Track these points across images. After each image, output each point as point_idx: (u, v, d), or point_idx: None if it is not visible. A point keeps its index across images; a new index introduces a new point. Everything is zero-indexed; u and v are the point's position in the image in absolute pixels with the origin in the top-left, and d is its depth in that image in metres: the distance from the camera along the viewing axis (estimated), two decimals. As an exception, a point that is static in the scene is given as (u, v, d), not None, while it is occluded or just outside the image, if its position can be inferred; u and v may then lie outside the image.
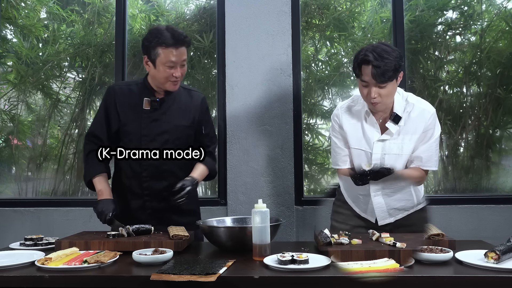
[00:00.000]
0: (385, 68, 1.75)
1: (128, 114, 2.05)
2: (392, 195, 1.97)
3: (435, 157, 1.94)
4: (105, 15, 3.47)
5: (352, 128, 1.98)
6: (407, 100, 1.92)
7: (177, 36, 1.92)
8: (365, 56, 1.78)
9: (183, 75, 2.00)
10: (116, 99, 2.07)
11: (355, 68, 1.84)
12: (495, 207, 2.91)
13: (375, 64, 1.75)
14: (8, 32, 3.56)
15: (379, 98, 1.81)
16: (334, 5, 3.33)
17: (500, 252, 1.40)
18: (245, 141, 2.96)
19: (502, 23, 3.20)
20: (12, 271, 1.45)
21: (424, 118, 1.89)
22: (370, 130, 1.94)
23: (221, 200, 3.06)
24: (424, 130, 1.90)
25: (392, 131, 1.90)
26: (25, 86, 3.47)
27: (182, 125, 2.07)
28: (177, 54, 1.92)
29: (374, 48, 1.79)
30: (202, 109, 2.14)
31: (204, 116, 2.15)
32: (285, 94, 2.96)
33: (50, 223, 3.08)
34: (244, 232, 1.69)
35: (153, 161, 2.02)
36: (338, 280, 1.33)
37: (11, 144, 3.49)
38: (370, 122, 1.94)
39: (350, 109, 2.01)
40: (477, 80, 3.21)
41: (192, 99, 2.13)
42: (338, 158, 2.03)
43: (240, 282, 1.36)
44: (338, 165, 2.04)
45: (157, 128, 2.03)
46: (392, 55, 1.77)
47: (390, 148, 1.91)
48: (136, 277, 1.40)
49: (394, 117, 1.89)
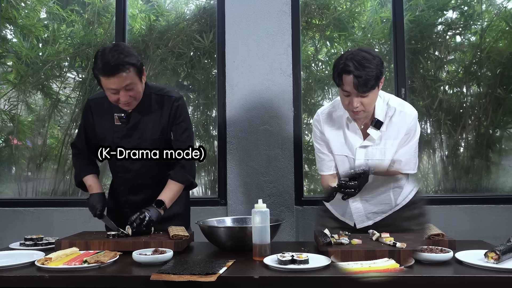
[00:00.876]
0: (367, 78, 1.69)
1: (103, 128, 2.04)
2: (370, 200, 1.96)
3: (414, 159, 1.92)
4: (105, 15, 3.47)
5: (333, 135, 1.95)
6: (388, 104, 1.89)
7: (107, 67, 1.78)
8: (345, 66, 1.71)
9: (135, 97, 1.90)
10: (92, 113, 2.06)
11: (335, 77, 1.78)
12: (495, 207, 2.92)
13: (356, 74, 1.69)
14: (8, 32, 3.56)
15: (361, 106, 1.76)
16: (334, 5, 3.33)
17: (500, 252, 1.39)
18: (245, 141, 2.96)
19: (502, 23, 3.20)
20: (12, 271, 1.45)
21: (406, 122, 1.86)
22: (352, 137, 1.91)
23: (221, 200, 3.06)
24: (406, 133, 1.87)
25: (374, 137, 1.87)
26: (25, 86, 3.47)
27: (153, 138, 2.01)
28: (115, 82, 1.81)
29: (354, 56, 1.72)
30: (170, 115, 2.02)
31: (175, 121, 2.03)
32: (285, 94, 2.96)
33: (50, 223, 3.08)
34: (244, 232, 1.69)
35: (129, 176, 2.04)
36: (338, 280, 1.33)
37: (11, 144, 3.49)
38: (352, 129, 1.91)
39: (330, 115, 1.97)
40: (477, 80, 3.21)
41: (162, 107, 2.02)
42: (323, 164, 2.00)
43: (240, 282, 1.36)
44: (323, 171, 2.01)
45: (129, 143, 2.00)
46: (373, 62, 1.71)
47: (373, 154, 1.89)
48: (136, 277, 1.40)
49: (376, 122, 1.86)
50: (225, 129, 3.01)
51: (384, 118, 1.87)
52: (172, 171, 2.02)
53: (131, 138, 2.01)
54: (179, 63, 3.37)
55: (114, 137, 2.02)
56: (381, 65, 1.74)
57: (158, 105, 2.02)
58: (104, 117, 2.03)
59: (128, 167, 2.04)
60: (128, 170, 2.05)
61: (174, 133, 2.04)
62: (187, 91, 3.46)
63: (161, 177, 2.02)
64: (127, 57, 1.80)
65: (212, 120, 3.34)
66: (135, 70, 1.84)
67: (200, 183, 3.33)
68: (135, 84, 1.86)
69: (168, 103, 2.02)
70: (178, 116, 2.04)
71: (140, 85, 1.90)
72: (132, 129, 2.01)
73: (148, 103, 2.01)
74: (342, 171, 1.94)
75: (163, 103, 2.02)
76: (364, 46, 1.81)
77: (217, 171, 3.15)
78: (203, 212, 2.89)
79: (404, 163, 1.89)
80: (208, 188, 3.33)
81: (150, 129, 2.01)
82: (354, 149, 1.91)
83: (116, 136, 2.01)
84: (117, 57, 1.78)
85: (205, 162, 3.31)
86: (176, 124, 2.04)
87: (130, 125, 2.00)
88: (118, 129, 2.01)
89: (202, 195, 3.31)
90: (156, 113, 2.02)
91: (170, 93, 2.06)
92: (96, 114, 2.05)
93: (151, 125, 2.01)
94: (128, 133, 2.01)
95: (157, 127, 2.02)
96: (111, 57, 1.78)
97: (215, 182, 3.22)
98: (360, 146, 1.90)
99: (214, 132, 3.31)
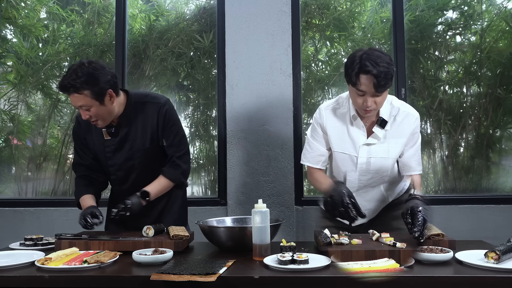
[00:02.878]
0: (386, 77, 1.69)
1: (94, 144, 2.04)
2: (365, 196, 1.97)
3: (421, 160, 1.97)
4: (105, 15, 3.47)
5: (336, 131, 1.94)
6: (392, 104, 1.90)
7: (61, 84, 1.81)
8: (363, 65, 1.69)
9: (97, 117, 1.88)
10: (82, 129, 2.06)
11: (351, 77, 1.73)
12: (495, 207, 2.92)
13: (374, 73, 1.67)
14: (8, 32, 3.56)
15: (374, 105, 1.77)
16: (334, 5, 3.33)
17: (500, 252, 1.39)
18: (245, 141, 2.96)
19: (502, 23, 3.20)
20: (12, 271, 1.45)
21: (410, 122, 1.89)
22: (356, 134, 1.91)
23: (221, 200, 3.06)
24: (411, 134, 1.90)
25: (379, 136, 1.88)
26: (25, 86, 3.47)
27: (143, 148, 2.00)
28: (73, 100, 1.84)
29: (369, 56, 1.70)
30: (159, 121, 2.00)
31: (165, 126, 2.01)
32: (285, 94, 2.96)
33: (50, 223, 3.08)
34: (244, 232, 1.69)
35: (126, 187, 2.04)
36: (338, 280, 1.33)
37: (11, 144, 3.49)
38: (357, 125, 1.91)
39: (335, 112, 1.96)
40: (477, 80, 3.21)
41: (147, 115, 2.00)
42: (312, 156, 1.98)
43: (240, 282, 1.36)
44: (308, 162, 1.99)
45: (120, 156, 2.00)
46: (386, 61, 1.71)
47: (376, 152, 1.90)
48: (136, 277, 1.40)
49: (381, 121, 1.87)
50: (225, 129, 3.01)
51: (388, 117, 1.88)
52: (166, 168, 2.03)
53: (123, 150, 2.00)
54: (179, 63, 3.37)
55: (105, 151, 2.01)
56: (393, 64, 1.75)
57: (143, 113, 2.00)
58: (92, 133, 2.03)
59: (124, 180, 2.05)
60: (124, 181, 2.06)
61: (166, 139, 2.02)
62: (187, 91, 3.46)
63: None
64: (83, 80, 1.79)
65: (212, 120, 3.34)
66: (89, 93, 1.81)
67: (200, 183, 3.33)
68: (92, 107, 1.84)
69: (154, 109, 2.00)
70: (167, 121, 2.01)
71: (101, 107, 1.86)
72: (122, 141, 2.00)
73: (134, 113, 1.99)
74: (343, 169, 1.94)
75: (149, 110, 2.00)
76: (372, 46, 1.81)
77: (217, 171, 3.15)
78: (203, 212, 2.90)
79: (417, 164, 1.93)
80: (208, 188, 3.33)
81: (140, 139, 2.00)
82: (357, 147, 1.91)
83: (107, 150, 2.01)
84: (72, 78, 1.78)
85: (205, 162, 3.31)
86: (167, 130, 2.02)
87: (119, 138, 1.99)
88: (108, 143, 2.01)
89: (202, 195, 3.31)
90: (143, 122, 2.00)
91: (155, 99, 2.03)
92: (85, 130, 2.05)
93: (140, 135, 2.00)
94: (118, 146, 2.00)
95: (147, 136, 2.00)
96: (68, 76, 1.79)
97: (215, 182, 3.22)
98: (364, 144, 1.90)
99: (214, 132, 3.31)
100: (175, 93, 3.42)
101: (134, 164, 2.02)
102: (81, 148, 2.09)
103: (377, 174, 1.94)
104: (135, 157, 2.00)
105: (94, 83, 1.81)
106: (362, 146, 1.90)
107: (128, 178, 2.05)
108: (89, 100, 1.83)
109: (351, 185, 1.94)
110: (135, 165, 2.02)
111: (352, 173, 1.94)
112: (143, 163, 2.02)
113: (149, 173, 2.03)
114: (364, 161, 1.90)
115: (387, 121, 1.87)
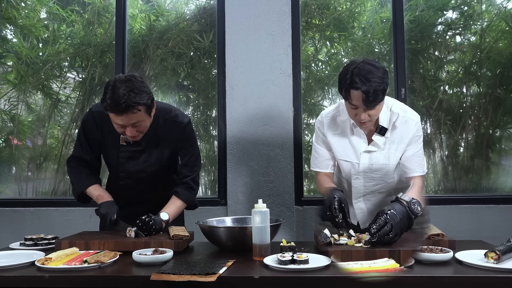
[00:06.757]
0: (375, 93, 1.68)
1: (106, 145, 1.99)
2: (373, 201, 1.98)
3: (423, 161, 1.95)
4: (105, 15, 3.47)
5: (336, 140, 1.95)
6: (391, 110, 1.89)
7: (115, 106, 1.71)
8: (352, 82, 1.68)
9: (142, 132, 1.86)
10: (97, 126, 1.97)
11: (341, 91, 1.75)
12: (495, 207, 2.92)
13: (363, 90, 1.66)
14: (8, 32, 3.56)
15: (368, 118, 1.77)
16: (334, 5, 3.33)
17: (500, 252, 1.39)
18: (245, 141, 2.96)
19: (502, 23, 3.20)
20: (12, 271, 1.45)
21: (409, 127, 1.88)
22: (357, 141, 1.92)
23: (221, 200, 3.06)
24: (412, 138, 1.89)
25: (379, 143, 1.89)
26: (25, 86, 3.47)
27: (158, 164, 1.99)
28: (123, 119, 1.76)
29: (360, 70, 1.68)
30: (181, 140, 2.00)
31: (183, 146, 2.01)
32: (285, 94, 2.96)
33: (50, 223, 3.08)
34: (244, 232, 1.69)
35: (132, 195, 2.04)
36: (338, 280, 1.33)
37: (11, 144, 3.49)
38: (357, 133, 1.92)
39: (334, 120, 1.96)
40: (477, 80, 3.21)
41: (169, 133, 1.97)
42: (320, 161, 2.01)
43: (240, 282, 1.36)
44: (318, 168, 2.02)
45: (133, 166, 1.98)
46: (378, 75, 1.68)
47: (377, 158, 1.91)
48: (136, 277, 1.40)
49: (380, 129, 1.87)
50: (225, 129, 3.01)
51: (388, 124, 1.88)
52: (179, 189, 2.01)
53: (137, 160, 1.98)
54: (179, 63, 3.37)
55: (119, 157, 1.98)
56: (386, 77, 1.72)
57: (166, 131, 1.97)
58: (108, 132, 1.96)
59: (132, 188, 2.04)
60: (131, 189, 2.05)
61: (181, 157, 2.02)
62: (187, 91, 3.46)
63: (165, 195, 2.03)
64: (137, 96, 1.73)
65: (212, 120, 3.34)
66: (144, 108, 1.78)
67: (200, 183, 3.32)
68: (143, 121, 1.82)
69: (177, 129, 1.98)
70: (187, 141, 2.01)
71: (148, 121, 1.85)
72: (139, 151, 1.97)
73: (156, 127, 1.94)
74: (348, 175, 1.96)
75: (172, 129, 1.98)
76: (368, 58, 1.79)
77: (217, 171, 3.15)
78: (203, 212, 2.89)
79: (416, 165, 1.93)
80: (208, 188, 3.33)
81: (157, 154, 1.99)
82: (358, 154, 1.92)
83: (121, 156, 1.98)
84: (127, 97, 1.71)
85: (205, 162, 3.31)
86: (184, 149, 2.01)
87: (136, 148, 1.96)
88: (123, 149, 1.97)
89: (202, 195, 3.30)
90: (163, 139, 1.97)
91: (178, 117, 1.99)
92: (100, 128, 1.97)
93: (158, 150, 1.98)
94: (133, 155, 1.97)
95: (165, 154, 1.99)
96: (121, 95, 1.70)
97: (215, 182, 3.22)
98: (365, 151, 1.91)
99: (214, 132, 3.31)
100: (175, 93, 3.42)
101: (145, 176, 2.01)
102: (88, 144, 2.02)
103: (381, 180, 1.95)
104: (148, 170, 1.99)
105: (146, 97, 1.77)
106: (363, 154, 1.91)
107: (135, 188, 2.04)
108: (142, 116, 1.79)
109: (357, 191, 1.96)
110: (146, 177, 2.01)
111: (356, 180, 1.95)
112: (154, 177, 2.02)
113: (156, 186, 2.04)
114: (365, 168, 1.92)
115: (387, 128, 1.87)
